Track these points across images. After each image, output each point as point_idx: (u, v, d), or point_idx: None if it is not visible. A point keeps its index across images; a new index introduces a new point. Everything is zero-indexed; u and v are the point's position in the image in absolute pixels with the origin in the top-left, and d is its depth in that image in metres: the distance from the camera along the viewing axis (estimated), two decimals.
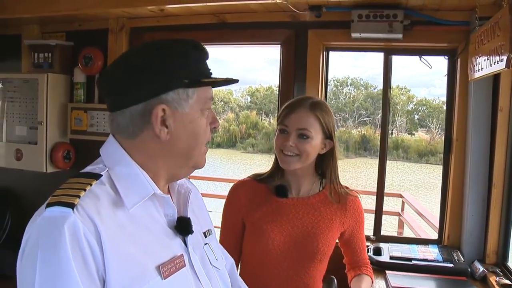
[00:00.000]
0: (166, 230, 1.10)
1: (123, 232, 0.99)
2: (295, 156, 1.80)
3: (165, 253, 1.05)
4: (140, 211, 1.05)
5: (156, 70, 1.05)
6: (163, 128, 1.06)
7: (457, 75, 2.66)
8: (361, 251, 2.03)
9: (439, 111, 33.66)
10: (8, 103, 3.41)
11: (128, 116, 1.07)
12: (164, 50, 1.08)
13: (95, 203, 0.96)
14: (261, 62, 51.29)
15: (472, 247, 2.57)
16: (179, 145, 1.09)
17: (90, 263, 0.92)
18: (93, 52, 3.22)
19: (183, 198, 1.22)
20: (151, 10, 2.95)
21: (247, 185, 1.95)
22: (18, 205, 3.56)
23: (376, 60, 49.96)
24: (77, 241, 0.90)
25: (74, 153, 3.40)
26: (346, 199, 1.93)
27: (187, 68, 1.08)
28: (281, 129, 1.83)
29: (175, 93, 1.06)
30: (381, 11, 2.60)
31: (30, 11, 3.01)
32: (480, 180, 2.56)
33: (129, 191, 1.04)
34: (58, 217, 0.91)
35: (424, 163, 30.08)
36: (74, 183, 1.00)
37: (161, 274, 1.01)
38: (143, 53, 1.10)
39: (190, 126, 1.09)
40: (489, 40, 2.12)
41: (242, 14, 2.94)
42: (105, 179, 1.03)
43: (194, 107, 1.09)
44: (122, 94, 1.07)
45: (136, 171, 1.07)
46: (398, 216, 6.67)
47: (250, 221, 1.88)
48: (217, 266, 1.25)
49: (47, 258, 0.89)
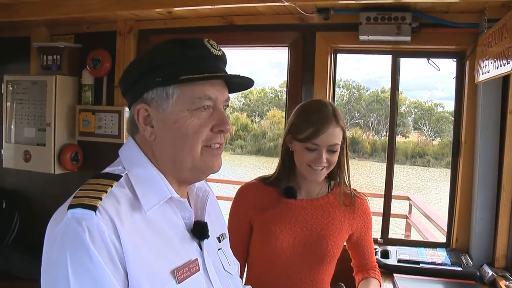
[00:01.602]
0: (184, 233, 1.11)
1: (140, 236, 0.99)
2: (324, 168, 1.79)
3: (180, 257, 1.06)
4: (158, 214, 1.05)
5: (138, 72, 1.09)
6: (146, 128, 1.08)
7: (466, 77, 2.65)
8: (369, 254, 2.02)
9: (430, 114, 33.58)
10: (17, 105, 3.44)
11: (130, 117, 1.13)
12: (151, 51, 1.11)
13: (115, 206, 0.97)
14: (263, 65, 51.53)
15: (481, 251, 2.55)
16: (165, 145, 1.08)
17: (115, 259, 0.93)
18: (101, 54, 3.24)
19: (201, 201, 1.22)
20: (159, 12, 2.96)
21: (254, 187, 1.94)
22: (26, 206, 3.58)
23: (378, 63, 49.94)
24: (102, 241, 0.92)
25: (82, 155, 3.41)
26: (355, 201, 1.93)
27: (165, 66, 1.06)
28: (309, 148, 1.77)
29: (154, 93, 1.06)
30: (389, 14, 2.59)
31: (40, 14, 3.03)
32: (489, 183, 2.55)
33: (146, 193, 1.04)
34: (80, 219, 0.92)
35: (411, 165, 30.11)
36: (95, 184, 1.01)
37: (176, 279, 1.01)
38: (139, 57, 1.16)
39: (174, 127, 1.06)
40: (496, 42, 2.11)
41: (250, 17, 2.94)
42: (124, 181, 1.04)
43: (177, 107, 1.06)
44: (124, 95, 1.15)
45: (154, 173, 1.08)
46: (406, 218, 6.64)
47: (258, 223, 1.87)
48: (230, 271, 1.25)
49: (77, 256, 0.90)
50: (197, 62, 1.07)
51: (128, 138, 1.15)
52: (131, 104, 1.11)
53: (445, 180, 25.27)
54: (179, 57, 1.06)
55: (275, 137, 34.71)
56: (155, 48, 1.12)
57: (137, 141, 1.12)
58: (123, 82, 1.14)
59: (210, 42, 1.10)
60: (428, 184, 24.22)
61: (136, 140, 1.12)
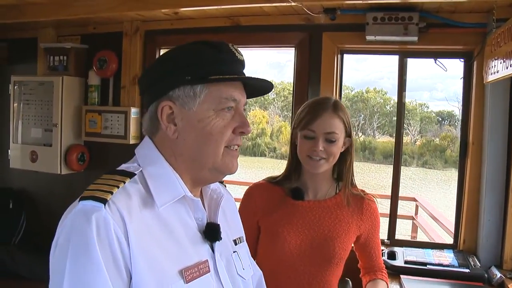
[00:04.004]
0: (195, 234, 1.10)
1: (150, 233, 0.99)
2: (323, 160, 1.79)
3: (190, 257, 1.05)
4: (170, 212, 1.05)
5: (165, 69, 1.09)
6: (170, 126, 1.08)
7: (473, 78, 2.63)
8: (376, 256, 2.01)
9: (413, 114, 33.51)
10: (24, 106, 3.46)
11: (148, 115, 1.12)
12: (176, 50, 1.12)
13: (126, 201, 0.98)
14: (263, 66, 51.59)
15: (489, 253, 2.53)
16: (188, 144, 1.08)
17: (118, 257, 0.93)
18: (107, 55, 3.25)
19: (215, 203, 1.22)
20: (165, 13, 2.97)
21: (262, 188, 1.94)
22: (33, 206, 3.60)
23: (378, 64, 49.92)
24: (106, 235, 0.92)
25: (88, 155, 3.42)
26: (363, 202, 1.92)
27: (194, 66, 1.07)
28: (307, 135, 1.80)
29: (181, 91, 1.07)
30: (396, 14, 2.58)
31: (47, 15, 3.04)
32: (497, 184, 2.53)
33: (160, 190, 1.05)
34: (89, 211, 0.93)
35: (389, 164, 30.18)
36: (109, 179, 1.02)
37: (184, 278, 1.01)
38: (164, 55, 1.14)
39: (199, 125, 1.07)
40: (506, 42, 2.09)
41: (257, 17, 2.94)
42: (138, 178, 1.05)
43: (203, 106, 1.07)
44: (146, 93, 1.14)
45: (169, 171, 1.08)
46: (412, 220, 6.61)
47: (266, 224, 1.87)
48: (243, 276, 1.24)
49: (77, 252, 0.91)
50: (225, 64, 1.09)
51: (145, 137, 1.15)
52: (152, 102, 1.10)
53: (420, 179, 25.40)
54: (209, 58, 1.08)
55: (253, 137, 34.88)
56: (181, 47, 1.12)
57: (156, 140, 1.12)
58: (145, 79, 1.15)
59: (235, 46, 1.12)
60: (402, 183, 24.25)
61: (155, 139, 1.12)
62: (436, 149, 30.08)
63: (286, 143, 33.80)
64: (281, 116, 36.74)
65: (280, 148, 34.06)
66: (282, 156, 32.81)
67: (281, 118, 36.77)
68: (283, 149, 33.60)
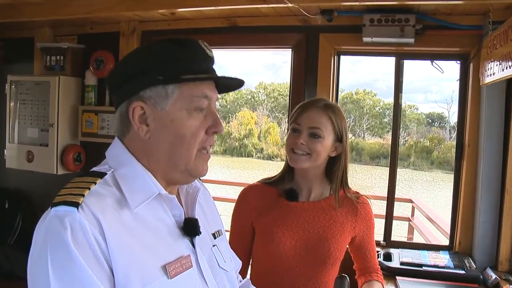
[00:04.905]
0: (174, 230, 1.10)
1: (127, 232, 0.98)
2: (305, 155, 1.79)
3: (171, 253, 1.05)
4: (146, 211, 1.04)
5: (135, 69, 1.07)
6: (142, 126, 1.06)
7: (469, 80, 2.64)
8: (371, 257, 2.01)
9: (403, 115, 33.56)
10: (20, 105, 3.44)
11: (118, 115, 1.10)
12: (149, 49, 1.11)
13: (99, 202, 0.97)
14: (259, 67, 51.59)
15: (484, 254, 2.54)
16: (160, 145, 1.07)
17: (99, 256, 0.92)
18: (104, 55, 3.24)
19: (191, 198, 1.22)
20: (162, 13, 2.97)
21: (256, 189, 1.94)
22: (29, 206, 3.58)
23: (373, 66, 50.04)
24: (84, 237, 0.91)
25: (84, 156, 3.42)
26: (357, 204, 1.92)
27: (164, 64, 1.06)
28: (293, 128, 1.83)
29: (152, 91, 1.05)
30: (393, 16, 2.59)
31: (44, 14, 3.03)
32: (493, 186, 2.54)
33: (133, 191, 1.04)
34: (62, 216, 0.92)
35: (375, 165, 30.27)
36: (79, 182, 1.01)
37: (168, 274, 1.01)
38: (130, 54, 1.12)
39: (171, 126, 1.06)
40: (501, 44, 2.11)
41: (254, 18, 2.94)
42: (109, 179, 1.04)
43: (176, 105, 1.06)
44: (114, 92, 1.12)
45: (141, 171, 1.07)
46: (408, 221, 6.62)
47: (260, 225, 1.87)
48: (225, 268, 1.24)
49: (57, 257, 0.90)
50: (195, 62, 1.08)
51: (114, 138, 1.14)
52: (121, 102, 1.09)
53: (405, 179, 25.42)
54: (179, 56, 1.07)
55: (241, 137, 34.83)
56: (148, 47, 1.13)
57: (126, 140, 1.11)
58: (113, 80, 1.12)
59: (204, 43, 1.11)
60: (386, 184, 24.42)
61: (125, 139, 1.11)
62: (422, 151, 30.30)
63: (274, 144, 33.85)
64: (270, 117, 36.74)
65: (267, 149, 34.13)
66: (269, 156, 32.90)
67: (270, 119, 36.77)
68: (270, 150, 33.68)
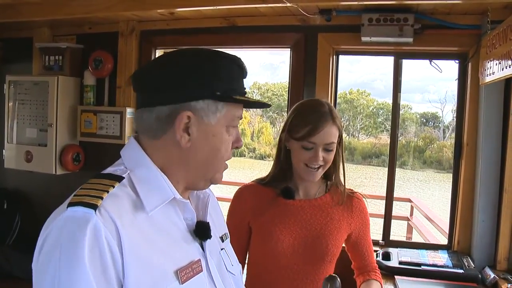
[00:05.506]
0: (185, 234, 1.10)
1: (142, 236, 0.98)
2: (320, 168, 1.80)
3: (183, 257, 1.05)
4: (160, 215, 1.04)
5: (192, 77, 1.05)
6: (184, 135, 1.05)
7: (468, 79, 2.64)
8: (368, 255, 2.02)
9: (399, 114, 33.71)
10: (19, 105, 3.44)
11: (154, 115, 1.06)
12: (207, 60, 1.07)
13: (117, 206, 0.96)
14: (256, 67, 51.57)
15: (483, 253, 2.55)
16: (197, 156, 1.08)
17: (109, 267, 0.91)
18: (103, 55, 3.24)
19: (202, 202, 1.22)
20: (161, 13, 2.96)
21: (252, 188, 1.94)
22: (28, 206, 3.58)
23: (371, 66, 50.05)
24: (97, 243, 0.89)
25: (83, 156, 3.42)
26: (352, 201, 1.94)
27: (223, 82, 1.06)
28: (305, 146, 1.78)
29: (205, 103, 1.05)
30: (392, 15, 2.59)
31: (43, 15, 3.03)
32: (491, 185, 2.54)
33: (149, 194, 1.03)
34: (80, 218, 0.90)
35: (367, 165, 30.33)
36: (97, 184, 0.99)
37: (179, 279, 1.00)
38: (186, 57, 1.09)
39: (212, 139, 1.08)
40: (501, 44, 2.11)
41: (252, 18, 2.94)
42: (126, 181, 1.02)
43: (221, 121, 1.08)
44: (155, 92, 1.07)
45: (157, 174, 1.06)
46: (407, 220, 6.63)
47: (257, 224, 1.87)
48: (233, 272, 1.24)
49: (67, 258, 0.88)
50: (242, 83, 1.13)
51: (130, 139, 1.12)
52: (164, 104, 1.05)
53: (397, 178, 25.51)
54: (233, 75, 1.09)
55: None
56: (198, 54, 1.09)
57: (153, 141, 1.08)
58: (154, 78, 1.08)
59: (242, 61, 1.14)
60: (379, 183, 24.44)
61: (152, 140, 1.08)
62: (415, 150, 30.35)
63: (267, 144, 33.89)
64: (264, 117, 36.71)
65: (260, 148, 34.16)
66: (261, 156, 32.99)
67: (264, 119, 36.75)
68: (262, 150, 33.72)
